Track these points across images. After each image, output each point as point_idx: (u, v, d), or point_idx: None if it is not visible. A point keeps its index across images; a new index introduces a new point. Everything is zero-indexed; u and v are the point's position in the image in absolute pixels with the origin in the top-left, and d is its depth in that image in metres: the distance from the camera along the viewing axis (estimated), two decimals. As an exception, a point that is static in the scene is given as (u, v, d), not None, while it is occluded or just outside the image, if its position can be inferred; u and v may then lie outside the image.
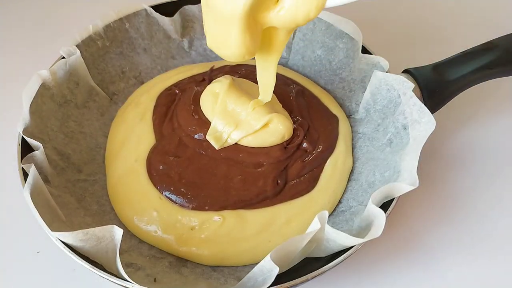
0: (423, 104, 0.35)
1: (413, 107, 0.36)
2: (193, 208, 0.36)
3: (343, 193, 0.39)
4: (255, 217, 0.36)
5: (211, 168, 0.38)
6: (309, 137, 0.40)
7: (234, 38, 0.30)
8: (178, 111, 0.42)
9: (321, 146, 0.40)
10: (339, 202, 0.38)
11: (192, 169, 0.38)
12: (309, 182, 0.38)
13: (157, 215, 0.36)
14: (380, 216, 0.30)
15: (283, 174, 0.38)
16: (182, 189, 0.37)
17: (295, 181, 0.38)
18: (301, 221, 0.36)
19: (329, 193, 0.38)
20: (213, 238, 0.35)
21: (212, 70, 0.45)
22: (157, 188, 0.37)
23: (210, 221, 0.35)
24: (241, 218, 0.36)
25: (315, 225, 0.28)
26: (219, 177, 0.38)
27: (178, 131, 0.41)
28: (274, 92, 0.37)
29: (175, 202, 0.36)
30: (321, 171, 0.39)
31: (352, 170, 0.40)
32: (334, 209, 0.38)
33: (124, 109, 0.44)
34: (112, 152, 0.40)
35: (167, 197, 0.37)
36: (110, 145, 0.41)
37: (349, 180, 0.39)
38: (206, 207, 0.36)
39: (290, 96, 0.43)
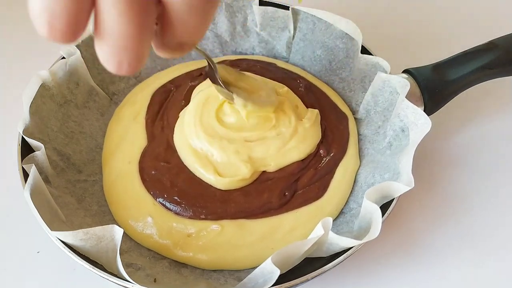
0: (416, 106, 0.35)
1: (407, 110, 0.35)
2: (189, 217, 0.35)
3: None
4: (257, 227, 0.34)
5: (205, 181, 0.36)
6: (324, 140, 0.38)
7: None
8: (169, 108, 0.41)
9: (334, 150, 0.38)
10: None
11: (183, 178, 0.36)
12: (318, 190, 0.36)
13: (152, 221, 0.34)
14: (376, 212, 0.29)
15: (292, 185, 0.36)
16: (175, 197, 0.35)
17: (304, 189, 0.36)
18: (306, 229, 0.34)
19: (338, 200, 0.36)
20: (211, 245, 0.34)
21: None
22: (150, 193, 0.36)
23: (208, 229, 0.34)
24: (241, 227, 0.34)
25: (318, 231, 0.28)
26: (214, 189, 0.36)
27: (166, 130, 0.39)
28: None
29: (169, 210, 0.35)
30: (331, 177, 0.37)
31: None
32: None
33: (120, 108, 0.43)
34: (107, 153, 0.39)
35: (161, 203, 0.35)
36: (106, 145, 0.40)
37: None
38: (202, 217, 0.34)
39: (299, 90, 0.42)
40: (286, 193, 0.36)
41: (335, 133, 0.40)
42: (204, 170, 0.36)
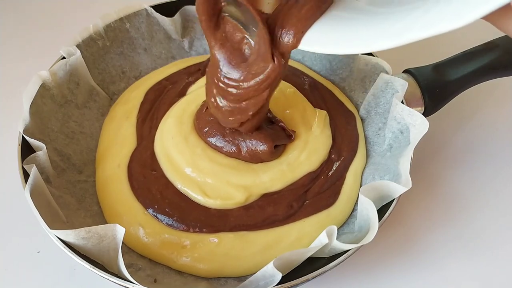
0: (411, 108, 0.34)
1: (402, 112, 0.35)
2: (182, 230, 0.32)
3: None
4: (260, 238, 0.32)
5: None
6: (334, 143, 0.37)
7: None
8: (161, 107, 0.39)
9: (344, 153, 0.37)
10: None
11: (173, 190, 0.34)
12: (329, 197, 0.34)
13: (143, 231, 0.32)
14: (370, 207, 0.29)
15: (301, 196, 0.34)
16: (166, 209, 0.33)
17: (314, 198, 0.34)
18: (314, 238, 0.30)
19: (348, 205, 0.34)
20: (209, 256, 0.32)
21: (209, 60, 0.43)
22: (140, 202, 0.34)
23: (204, 241, 0.32)
24: (242, 239, 0.32)
25: (322, 239, 0.27)
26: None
27: (153, 131, 0.37)
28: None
29: (161, 221, 0.33)
30: (342, 182, 0.35)
31: None
32: None
33: (114, 107, 0.42)
34: (100, 153, 0.38)
35: (151, 214, 0.33)
36: (99, 145, 0.39)
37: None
38: (197, 230, 0.32)
39: (305, 88, 0.41)
40: (294, 205, 0.33)
41: (344, 134, 0.38)
42: (188, 189, 0.33)
